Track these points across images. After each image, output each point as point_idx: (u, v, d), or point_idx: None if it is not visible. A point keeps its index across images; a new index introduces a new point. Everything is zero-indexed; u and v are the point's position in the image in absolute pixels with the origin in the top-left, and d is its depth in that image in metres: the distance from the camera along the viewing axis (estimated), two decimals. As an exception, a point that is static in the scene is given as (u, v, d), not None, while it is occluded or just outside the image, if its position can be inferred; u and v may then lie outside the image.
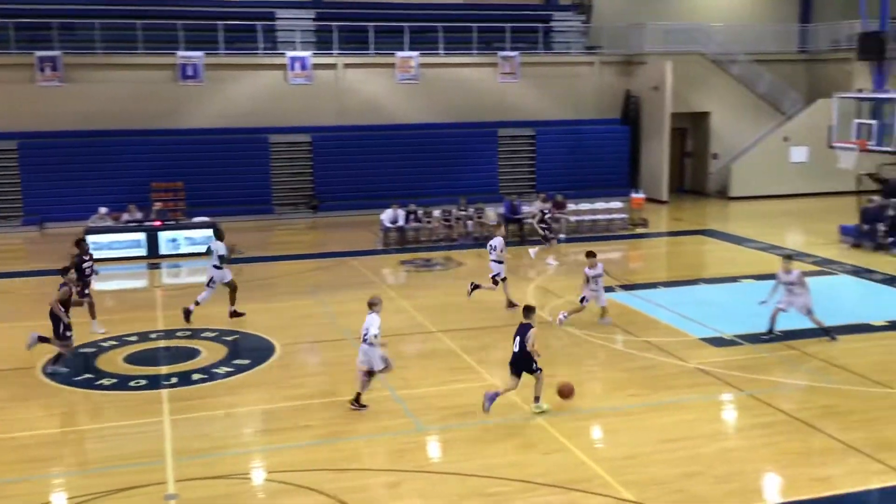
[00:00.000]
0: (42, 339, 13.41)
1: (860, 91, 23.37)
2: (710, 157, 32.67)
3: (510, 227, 24.52)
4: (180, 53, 28.08)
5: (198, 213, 24.87)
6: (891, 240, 21.74)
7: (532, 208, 24.85)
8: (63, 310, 13.29)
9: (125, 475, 9.82)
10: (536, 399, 11.44)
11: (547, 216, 23.22)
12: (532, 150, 31.12)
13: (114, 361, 13.94)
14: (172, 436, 10.96)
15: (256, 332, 15.48)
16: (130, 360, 14.05)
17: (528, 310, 11.72)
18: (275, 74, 29.04)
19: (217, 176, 27.90)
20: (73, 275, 14.22)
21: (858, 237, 22.51)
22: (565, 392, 11.40)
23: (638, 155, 31.96)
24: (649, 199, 28.78)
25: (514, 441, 10.64)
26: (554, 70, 31.53)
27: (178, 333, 15.46)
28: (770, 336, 14.38)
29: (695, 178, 33.68)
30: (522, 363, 11.34)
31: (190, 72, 28.17)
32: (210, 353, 14.31)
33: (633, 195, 27.04)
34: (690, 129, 33.44)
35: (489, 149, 30.50)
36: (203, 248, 18.01)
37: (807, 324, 14.55)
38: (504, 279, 16.78)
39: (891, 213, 22.16)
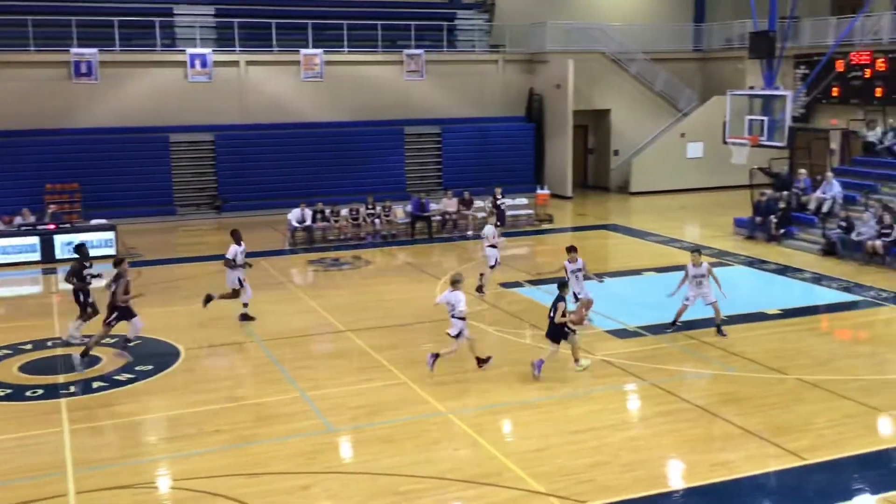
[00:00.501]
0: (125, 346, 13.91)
1: (752, 88, 24.29)
2: (612, 154, 33.44)
3: (417, 224, 24.65)
4: (74, 50, 27.06)
5: (95, 215, 24.06)
6: (782, 231, 22.70)
7: (440, 206, 25.01)
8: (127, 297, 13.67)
9: (24, 489, 9.43)
10: (576, 361, 12.93)
11: (500, 202, 23.00)
12: (438, 148, 31.25)
13: (8, 371, 13.36)
14: (73, 446, 10.58)
15: (160, 336, 15.07)
16: (26, 369, 13.49)
17: (562, 286, 13.09)
18: (174, 72, 28.30)
19: (115, 177, 27.03)
20: (125, 266, 14.18)
21: (752, 229, 23.41)
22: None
23: (542, 152, 32.46)
24: (554, 195, 29.27)
25: (425, 438, 10.68)
26: (459, 68, 31.73)
27: (76, 341, 14.92)
28: (674, 328, 14.80)
29: (597, 173, 34.42)
30: (556, 331, 12.68)
31: (84, 69, 27.19)
32: (111, 359, 13.86)
33: (539, 191, 27.45)
34: (592, 126, 34.15)
35: (396, 147, 30.48)
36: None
37: (706, 314, 15.06)
38: (493, 266, 17.65)
39: (782, 205, 23.14)
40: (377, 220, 24.33)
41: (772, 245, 22.33)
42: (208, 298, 15.75)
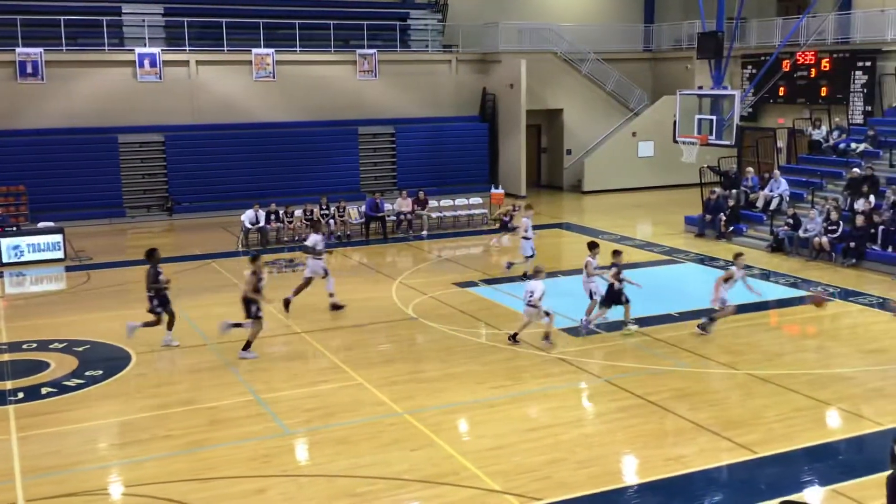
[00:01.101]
0: (235, 325, 14.00)
1: (700, 88, 24.67)
2: (565, 153, 33.71)
3: (372, 225, 24.58)
4: (19, 50, 26.50)
5: (43, 217, 23.57)
6: (731, 229, 23.09)
7: (394, 206, 24.98)
8: (258, 292, 13.85)
9: (-32, 500, 9.22)
10: (624, 324, 14.55)
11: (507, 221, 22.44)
12: (393, 148, 31.22)
13: (-48, 379, 13.04)
14: (21, 454, 10.35)
15: (110, 340, 14.83)
16: (-29, 376, 13.18)
17: (616, 253, 14.72)
18: (122, 72, 27.86)
19: (63, 179, 26.53)
20: (261, 262, 14.42)
21: (702, 227, 23.79)
22: (817, 301, 14.15)
23: (496, 151, 32.61)
24: (508, 195, 29.40)
25: (382, 439, 10.65)
26: (412, 68, 31.72)
27: (24, 346, 14.62)
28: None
29: (551, 173, 34.67)
30: (613, 296, 14.48)
31: (30, 69, 26.64)
32: (59, 365, 13.60)
33: (493, 191, 27.55)
34: (545, 126, 34.39)
35: (350, 147, 30.36)
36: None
37: (658, 310, 15.22)
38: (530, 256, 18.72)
39: (731, 203, 23.54)
40: (331, 221, 24.21)
41: (721, 242, 22.71)
42: (287, 302, 16.11)
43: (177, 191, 28.16)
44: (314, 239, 16.64)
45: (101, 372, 13.24)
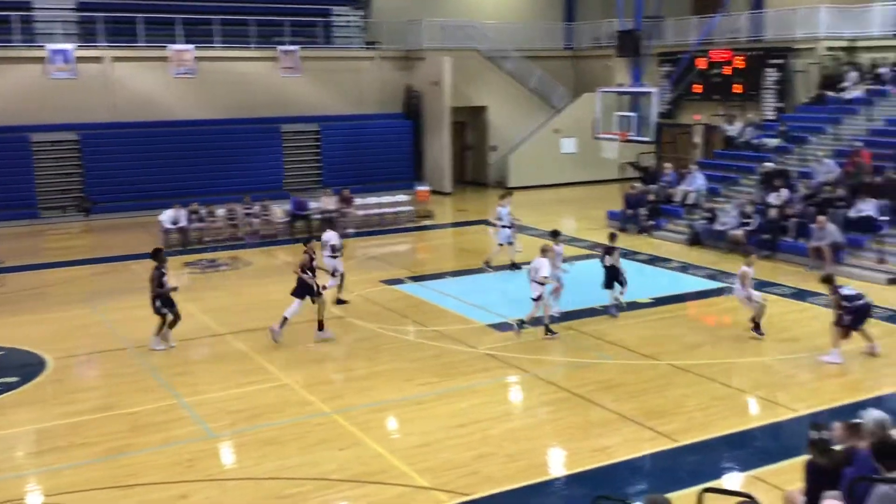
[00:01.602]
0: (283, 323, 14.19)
1: (620, 85, 25.14)
2: (489, 150, 33.93)
3: (297, 223, 24.33)
4: (-79, 45, 25.41)
5: (-50, 220, 22.66)
6: (652, 223, 23.59)
7: (319, 204, 24.78)
8: (309, 274, 14.15)
9: None
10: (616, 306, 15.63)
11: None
12: (317, 146, 30.93)
13: None
14: (-70, 467, 9.94)
15: (25, 346, 14.34)
16: None
17: (613, 237, 15.90)
18: (34, 68, 26.92)
19: (-28, 179, 25.54)
20: (314, 244, 14.77)
21: (624, 221, 24.22)
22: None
23: (421, 148, 32.61)
24: (434, 192, 29.45)
25: (309, 439, 10.56)
26: (335, 65, 31.48)
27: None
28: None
29: (475, 169, 34.85)
30: (614, 274, 15.45)
31: (-67, 65, 25.53)
32: (-29, 373, 13.10)
33: (418, 188, 27.57)
34: (470, 123, 34.54)
35: (273, 144, 29.97)
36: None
37: (583, 304, 15.49)
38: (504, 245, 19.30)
39: (651, 198, 24.05)
40: (255, 220, 23.88)
41: (642, 236, 23.17)
42: (341, 301, 16.00)
43: (93, 191, 27.37)
44: (329, 236, 16.59)
45: (16, 379, 12.80)
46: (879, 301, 16.32)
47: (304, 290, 14.34)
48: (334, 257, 16.60)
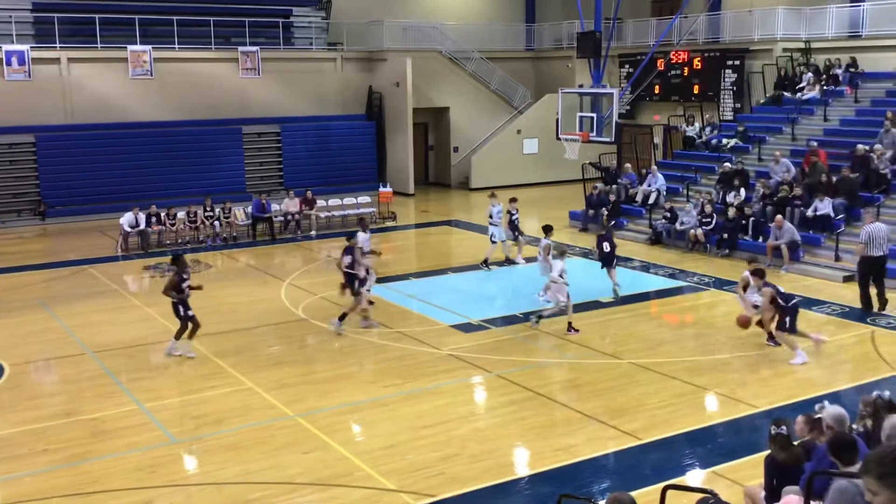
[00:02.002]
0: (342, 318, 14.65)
1: (581, 86, 25.23)
2: (452, 151, 33.99)
3: (259, 226, 24.16)
4: None
5: None
6: (613, 223, 23.76)
7: (282, 206, 24.64)
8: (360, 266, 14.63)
9: None
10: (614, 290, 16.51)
11: (514, 217, 20.88)
12: (278, 147, 30.73)
13: None
14: None
15: (-20, 353, 14.06)
16: None
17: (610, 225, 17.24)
18: (-12, 69, 26.44)
19: (-77, 183, 24.99)
20: (356, 240, 14.86)
21: (585, 221, 24.41)
22: (742, 322, 13.65)
23: (384, 150, 32.56)
24: (397, 193, 29.40)
25: (273, 443, 10.49)
26: (296, 66, 31.31)
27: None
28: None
29: (438, 170, 34.89)
30: (611, 259, 16.61)
31: None
32: (-75, 381, 12.82)
33: (381, 189, 27.51)
34: (432, 124, 34.58)
35: (234, 146, 29.71)
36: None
37: (545, 304, 15.55)
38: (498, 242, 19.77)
39: (612, 198, 24.25)
40: (216, 223, 23.66)
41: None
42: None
43: (49, 194, 26.91)
44: (362, 238, 16.30)
45: (-30, 386, 12.54)
46: (835, 298, 16.67)
47: (351, 282, 14.88)
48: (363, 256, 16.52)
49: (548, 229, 16.70)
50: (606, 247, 16.54)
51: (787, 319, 13.11)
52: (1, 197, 26.50)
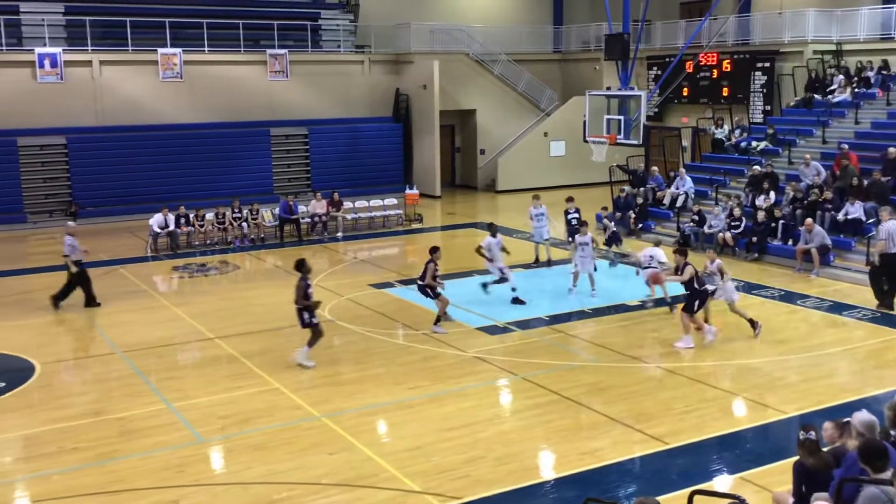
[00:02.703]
0: (437, 322, 14.97)
1: (608, 88, 25.14)
2: (478, 153, 33.97)
3: (286, 227, 24.29)
4: None
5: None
6: (640, 226, 23.65)
7: (309, 208, 24.77)
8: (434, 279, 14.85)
9: None
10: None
11: (571, 217, 20.85)
12: (306, 149, 30.90)
13: None
14: (-84, 474, 9.87)
15: (12, 351, 14.26)
16: None
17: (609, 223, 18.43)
18: (21, 72, 26.81)
19: (-42, 183, 25.42)
20: (438, 254, 15.05)
21: (613, 224, 24.23)
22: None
23: (410, 152, 32.63)
24: (423, 195, 29.44)
25: (299, 444, 10.54)
26: (324, 69, 31.47)
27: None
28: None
29: (465, 173, 34.89)
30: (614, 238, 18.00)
31: (-81, 69, 25.38)
32: (-42, 378, 13.03)
33: (408, 191, 27.56)
34: (459, 126, 34.59)
35: (262, 148, 29.92)
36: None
37: (571, 307, 15.51)
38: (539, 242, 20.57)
39: (640, 201, 24.12)
40: (244, 224, 23.83)
41: (631, 239, 23.21)
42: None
43: (81, 195, 27.26)
44: (489, 241, 16.63)
45: (3, 384, 12.72)
46: (865, 303, 16.45)
47: (426, 291, 15.09)
48: (492, 261, 16.84)
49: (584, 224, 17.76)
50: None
51: (697, 303, 13.78)
52: (33, 198, 26.88)
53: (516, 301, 16.57)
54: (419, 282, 15.20)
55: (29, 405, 12.02)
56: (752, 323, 14.51)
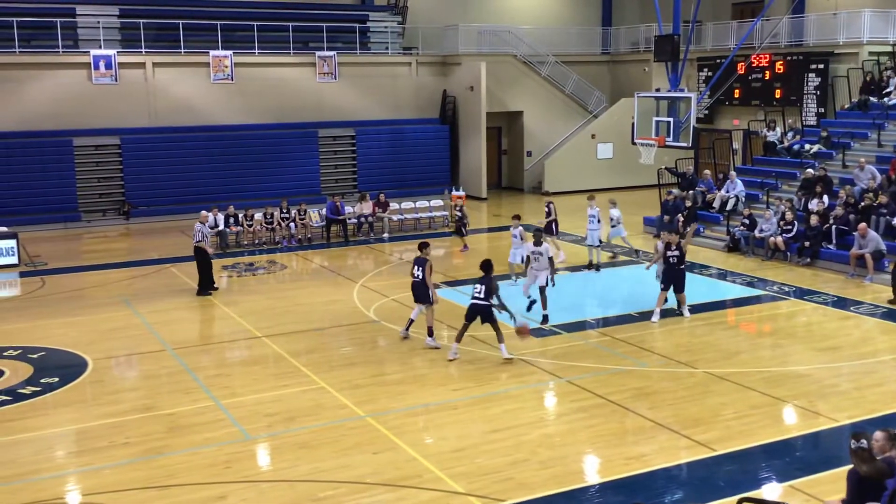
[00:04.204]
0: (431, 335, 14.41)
1: (658, 90, 24.88)
2: (525, 155, 33.87)
3: (333, 227, 24.48)
4: (-32, 51, 25.97)
5: (-5, 222, 23.14)
6: (687, 229, 23.32)
7: (355, 209, 24.94)
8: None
9: (-81, 512, 9.00)
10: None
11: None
12: (353, 150, 31.12)
13: None
14: (-27, 465, 10.14)
15: (66, 347, 14.59)
16: (-79, 385, 12.87)
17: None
18: (77, 74, 27.42)
19: (16, 183, 26.06)
20: (429, 250, 14.88)
21: (660, 227, 23.96)
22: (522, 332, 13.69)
23: (457, 153, 32.66)
24: (469, 197, 29.43)
25: (344, 443, 10.61)
26: (372, 70, 31.66)
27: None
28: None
29: (511, 174, 34.81)
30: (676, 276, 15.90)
31: (-20, 71, 26.09)
32: (14, 372, 13.35)
33: (454, 193, 27.55)
34: (505, 128, 34.53)
35: (310, 149, 30.21)
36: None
37: (618, 311, 15.36)
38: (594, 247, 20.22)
39: (688, 204, 23.82)
40: (292, 224, 24.06)
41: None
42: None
43: (133, 194, 27.80)
44: (544, 247, 16.25)
45: (56, 379, 13.02)
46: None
47: (423, 295, 14.43)
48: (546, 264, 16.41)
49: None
50: (674, 258, 15.91)
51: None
52: (87, 197, 27.47)
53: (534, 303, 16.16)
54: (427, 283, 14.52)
55: (81, 400, 12.28)
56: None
